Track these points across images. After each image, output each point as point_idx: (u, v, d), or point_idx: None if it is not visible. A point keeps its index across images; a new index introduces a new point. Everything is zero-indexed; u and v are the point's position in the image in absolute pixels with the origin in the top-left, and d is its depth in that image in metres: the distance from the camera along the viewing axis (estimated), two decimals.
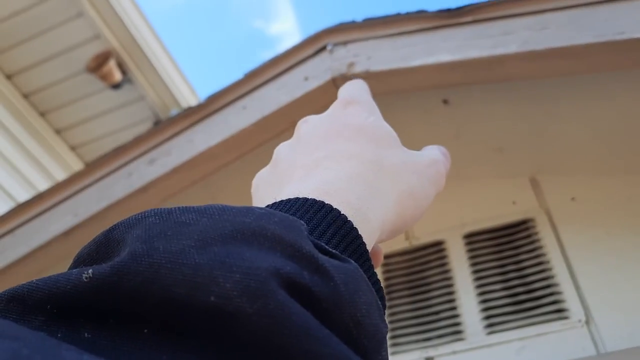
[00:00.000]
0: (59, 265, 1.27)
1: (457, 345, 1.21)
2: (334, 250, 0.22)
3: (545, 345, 1.15)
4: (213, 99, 1.31)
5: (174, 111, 2.92)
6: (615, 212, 1.26)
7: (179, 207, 0.21)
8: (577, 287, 1.19)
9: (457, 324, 1.25)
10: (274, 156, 0.35)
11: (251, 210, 0.22)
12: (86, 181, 1.27)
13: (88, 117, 2.90)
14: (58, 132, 2.90)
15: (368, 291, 0.22)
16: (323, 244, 0.22)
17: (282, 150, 0.35)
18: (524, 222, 1.33)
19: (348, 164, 0.30)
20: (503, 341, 1.18)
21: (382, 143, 0.33)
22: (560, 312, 1.18)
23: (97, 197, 1.23)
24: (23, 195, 2.56)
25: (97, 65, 2.62)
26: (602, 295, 1.17)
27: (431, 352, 1.22)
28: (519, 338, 1.17)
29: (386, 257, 1.38)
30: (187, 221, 0.20)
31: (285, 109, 1.23)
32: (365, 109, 0.35)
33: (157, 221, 0.20)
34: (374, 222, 0.28)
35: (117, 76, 2.69)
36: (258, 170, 0.35)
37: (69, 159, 2.95)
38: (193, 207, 0.21)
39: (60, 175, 2.92)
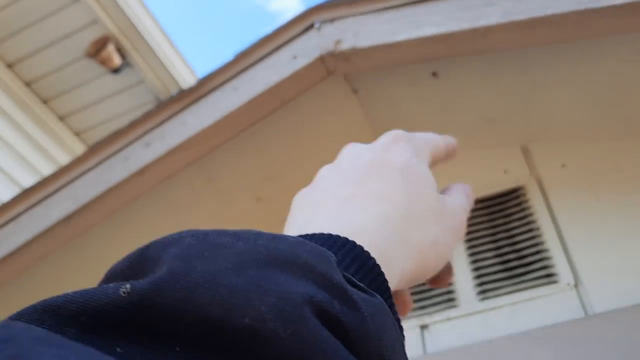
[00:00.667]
0: (62, 250, 1.31)
1: (450, 312, 1.24)
2: (361, 284, 0.22)
3: (535, 310, 1.18)
4: (205, 81, 1.33)
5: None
6: (604, 177, 1.27)
7: (214, 230, 0.22)
8: (566, 253, 1.22)
9: (451, 292, 1.28)
10: (315, 177, 0.35)
11: (284, 238, 0.22)
12: (85, 166, 1.30)
13: (90, 102, 2.93)
14: (61, 118, 2.94)
15: (393, 327, 0.22)
16: (351, 276, 0.23)
17: (323, 174, 0.35)
18: (515, 190, 1.35)
19: (378, 206, 0.30)
20: (495, 307, 1.21)
21: (417, 188, 0.32)
22: (549, 277, 1.21)
23: (95, 182, 1.26)
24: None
25: (96, 50, 2.65)
26: (590, 260, 1.19)
27: (426, 320, 1.25)
28: (511, 303, 1.20)
29: None
30: (224, 243, 0.21)
31: (274, 89, 1.25)
32: (411, 149, 0.35)
33: (194, 242, 0.21)
34: (395, 269, 0.28)
35: (117, 60, 2.71)
36: (253, 151, 0.37)
37: (73, 144, 2.99)
38: (229, 231, 0.22)
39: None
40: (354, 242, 0.26)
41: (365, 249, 0.26)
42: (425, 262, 0.31)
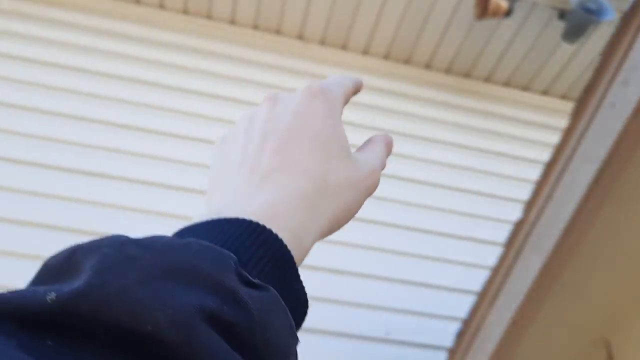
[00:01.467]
0: None
1: None
2: (256, 281, 0.25)
3: None
4: None
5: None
6: None
7: (129, 239, 0.25)
8: None
9: None
10: (236, 124, 0.36)
11: (188, 247, 0.24)
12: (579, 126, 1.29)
13: (500, 56, 2.97)
14: (486, 80, 3.06)
15: (281, 314, 0.26)
16: (248, 275, 0.25)
17: (241, 128, 0.36)
18: None
19: (297, 181, 0.32)
20: None
21: (332, 155, 0.34)
22: None
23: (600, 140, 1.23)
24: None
25: (482, 9, 2.68)
26: None
27: None
28: None
29: None
30: (134, 255, 0.23)
31: None
32: (327, 106, 0.36)
33: (111, 253, 0.24)
34: (308, 243, 0.31)
35: (504, 4, 2.69)
36: None
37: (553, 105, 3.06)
38: (142, 241, 0.25)
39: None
40: (264, 227, 0.28)
41: (280, 231, 0.29)
42: (338, 224, 0.34)
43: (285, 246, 0.29)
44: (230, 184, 0.33)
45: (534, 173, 1.56)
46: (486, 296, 1.51)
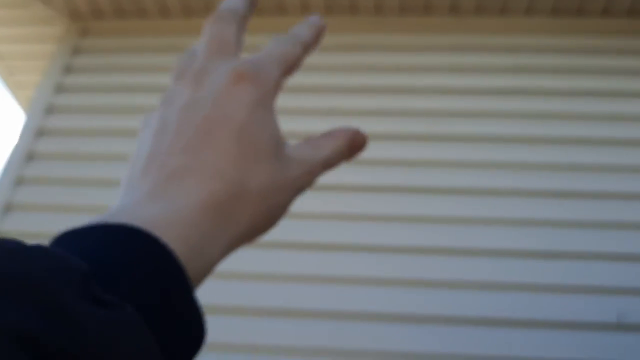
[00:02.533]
0: None
1: None
2: (108, 298, 0.21)
3: None
4: None
5: None
6: None
7: None
8: None
9: None
10: (156, 109, 0.32)
11: (28, 255, 0.21)
12: None
13: None
14: None
15: (137, 339, 0.21)
16: (101, 290, 0.21)
17: (159, 113, 0.31)
18: None
19: (208, 185, 0.28)
20: None
21: (257, 153, 0.30)
22: None
23: None
24: None
25: None
26: None
27: None
28: None
29: None
30: None
31: None
32: (256, 92, 0.31)
33: None
34: (213, 255, 0.27)
35: None
36: None
37: None
38: None
39: None
40: (148, 236, 0.24)
41: (176, 242, 0.25)
42: (257, 232, 0.30)
43: (175, 259, 0.24)
44: (135, 182, 0.29)
45: None
46: None
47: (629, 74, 2.49)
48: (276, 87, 0.32)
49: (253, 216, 0.29)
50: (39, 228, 2.00)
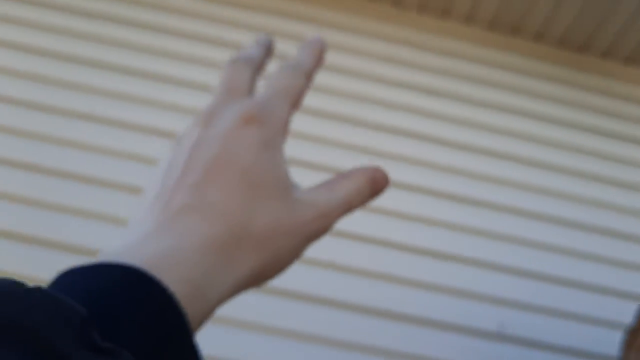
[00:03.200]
0: None
1: None
2: (105, 344, 0.20)
3: None
4: None
5: None
6: None
7: None
8: None
9: None
10: (170, 146, 0.32)
11: (26, 298, 0.20)
12: None
13: (621, 28, 2.63)
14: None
15: None
16: (99, 335, 0.21)
17: (172, 149, 0.32)
18: None
19: (211, 225, 0.27)
20: None
21: (264, 194, 0.29)
22: None
23: None
24: None
25: None
26: None
27: None
28: None
29: None
30: None
31: None
32: (264, 134, 0.31)
33: None
34: (214, 299, 0.27)
35: None
36: None
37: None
38: None
39: None
40: (150, 278, 0.23)
41: (177, 285, 0.25)
42: (264, 276, 0.29)
43: (175, 304, 0.24)
44: (142, 219, 0.28)
45: None
46: None
47: (556, 102, 2.56)
48: (285, 124, 0.32)
49: (257, 260, 0.29)
50: None
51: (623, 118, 2.60)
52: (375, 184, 0.33)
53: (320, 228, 0.31)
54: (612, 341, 1.91)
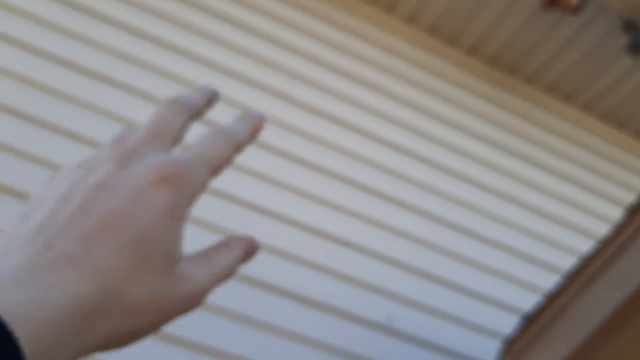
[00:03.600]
0: None
1: None
2: None
3: None
4: None
5: None
6: None
7: None
8: None
9: None
10: (68, 171, 0.30)
11: None
12: None
13: (554, 55, 2.75)
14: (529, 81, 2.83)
15: None
16: None
17: (71, 177, 0.30)
18: None
19: (83, 284, 0.26)
20: None
21: (148, 265, 0.28)
22: None
23: None
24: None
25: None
26: None
27: None
28: None
29: None
30: None
31: None
32: (172, 203, 0.29)
33: None
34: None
35: None
36: None
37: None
38: None
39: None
40: (7, 333, 0.22)
41: (20, 336, 0.23)
42: (115, 345, 0.28)
43: (19, 350, 0.22)
44: (15, 252, 0.26)
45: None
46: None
47: (478, 117, 2.63)
48: (198, 193, 0.31)
49: (116, 331, 0.27)
50: None
51: (538, 144, 2.71)
52: (248, 256, 0.33)
53: (189, 307, 0.30)
54: (490, 349, 1.98)
